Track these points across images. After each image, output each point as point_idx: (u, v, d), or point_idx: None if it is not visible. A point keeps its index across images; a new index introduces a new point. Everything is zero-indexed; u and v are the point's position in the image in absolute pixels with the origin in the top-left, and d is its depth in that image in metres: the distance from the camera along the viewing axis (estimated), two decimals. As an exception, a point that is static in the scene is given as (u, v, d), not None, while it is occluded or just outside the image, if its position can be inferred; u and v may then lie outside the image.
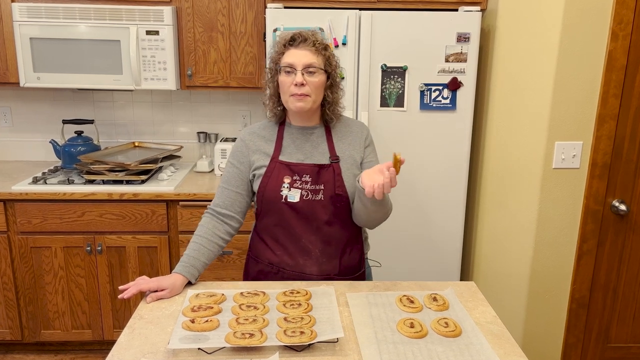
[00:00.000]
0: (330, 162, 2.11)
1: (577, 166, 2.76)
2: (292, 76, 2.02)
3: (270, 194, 2.08)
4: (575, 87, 2.67)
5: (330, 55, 2.09)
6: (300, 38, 2.04)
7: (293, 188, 2.07)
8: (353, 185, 2.10)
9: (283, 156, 2.12)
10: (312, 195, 2.07)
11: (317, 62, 2.03)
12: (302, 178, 2.08)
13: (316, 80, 2.03)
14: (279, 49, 2.08)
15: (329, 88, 2.11)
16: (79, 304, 3.33)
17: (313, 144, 2.14)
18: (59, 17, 3.21)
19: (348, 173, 2.11)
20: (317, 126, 2.17)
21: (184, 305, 1.88)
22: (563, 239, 2.87)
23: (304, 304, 1.87)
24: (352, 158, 2.14)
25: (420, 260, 3.29)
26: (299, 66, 2.01)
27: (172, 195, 3.20)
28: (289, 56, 2.04)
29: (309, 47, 2.03)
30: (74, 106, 3.83)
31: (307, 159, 2.11)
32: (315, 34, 2.08)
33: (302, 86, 2.01)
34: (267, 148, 2.15)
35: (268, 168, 2.10)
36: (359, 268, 2.23)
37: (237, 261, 3.29)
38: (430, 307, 1.92)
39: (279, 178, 2.08)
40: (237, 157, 2.18)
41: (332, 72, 2.10)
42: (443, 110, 3.09)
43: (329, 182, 2.08)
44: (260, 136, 2.18)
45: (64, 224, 3.20)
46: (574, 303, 2.94)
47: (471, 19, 3.00)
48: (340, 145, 2.15)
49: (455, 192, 3.21)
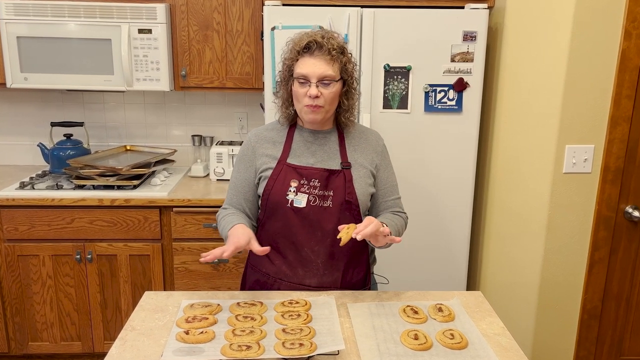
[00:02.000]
0: (342, 168, 2.10)
1: (589, 171, 2.76)
2: (306, 87, 2.01)
3: (275, 197, 2.08)
4: (587, 88, 2.67)
5: (347, 60, 2.07)
6: (315, 45, 2.01)
7: (300, 192, 2.07)
8: (364, 194, 2.10)
9: (291, 159, 2.12)
10: (320, 202, 2.07)
11: (332, 71, 2.01)
12: (311, 183, 2.07)
13: (332, 91, 2.02)
14: (292, 55, 2.06)
15: (344, 95, 2.11)
16: (68, 314, 3.34)
17: (324, 148, 2.14)
18: (47, 15, 3.22)
19: (360, 181, 2.10)
20: (331, 130, 2.17)
21: (178, 316, 1.88)
22: (574, 246, 2.87)
23: (303, 315, 1.87)
24: (364, 167, 2.14)
25: (424, 268, 3.30)
26: (314, 78, 1.99)
27: (166, 201, 3.20)
28: (303, 65, 2.02)
29: (324, 56, 2.01)
30: (63, 108, 3.85)
31: (317, 163, 2.11)
32: (330, 38, 2.04)
33: (316, 98, 2.00)
34: (275, 150, 2.14)
35: (275, 170, 2.10)
36: (363, 284, 2.22)
37: (233, 270, 3.29)
38: (435, 318, 1.92)
39: (286, 181, 2.08)
40: (244, 163, 2.18)
41: (348, 79, 2.09)
42: (448, 112, 3.10)
43: (339, 188, 2.07)
44: (268, 138, 2.18)
45: (53, 231, 3.20)
46: (585, 314, 2.94)
47: (478, 17, 3.01)
48: (352, 153, 2.15)
49: (461, 197, 3.21)
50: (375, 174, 2.18)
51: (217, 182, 3.55)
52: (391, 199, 2.22)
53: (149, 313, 1.94)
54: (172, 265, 3.29)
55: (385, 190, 2.21)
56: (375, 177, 2.17)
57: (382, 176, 2.20)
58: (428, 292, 2.14)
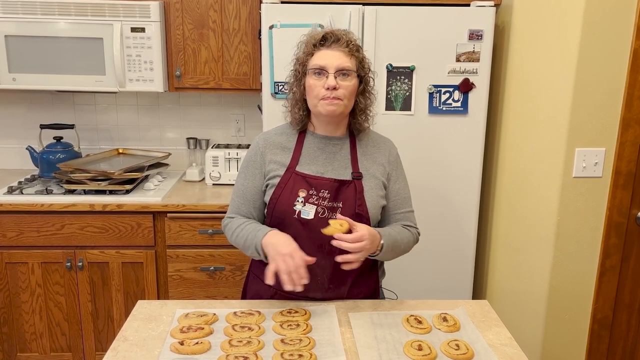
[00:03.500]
0: (352, 179, 2.08)
1: (600, 175, 2.77)
2: (322, 79, 1.99)
3: (282, 207, 2.06)
4: (598, 89, 2.67)
5: (364, 58, 2.07)
6: (332, 37, 2.02)
7: (308, 203, 2.04)
8: (375, 206, 2.09)
9: (300, 167, 2.09)
10: (329, 213, 2.04)
11: (350, 64, 2.01)
12: (320, 193, 2.05)
13: (350, 84, 2.01)
14: (307, 49, 2.05)
15: (360, 94, 2.09)
16: (58, 324, 3.33)
17: (336, 156, 2.12)
18: (37, 13, 3.22)
19: (371, 192, 2.09)
20: (343, 137, 2.15)
21: (172, 326, 1.89)
22: (584, 253, 2.87)
23: (302, 325, 1.88)
24: (375, 177, 2.12)
25: (429, 276, 3.30)
26: (332, 69, 1.98)
27: (160, 206, 3.20)
28: (319, 57, 2.01)
29: (342, 48, 2.01)
30: (53, 110, 3.85)
31: (327, 173, 2.09)
32: (347, 33, 2.05)
33: (334, 90, 1.98)
34: (284, 157, 2.12)
35: (282, 178, 2.08)
36: (371, 299, 2.21)
37: (230, 278, 3.29)
38: (440, 328, 1.92)
39: (294, 191, 2.06)
40: (252, 169, 2.15)
41: (365, 77, 2.08)
42: (453, 114, 3.10)
43: (349, 200, 2.06)
44: (277, 143, 2.15)
45: (42, 238, 3.20)
46: (595, 324, 2.94)
47: (484, 15, 3.01)
48: (364, 162, 2.13)
49: (466, 202, 3.22)
50: (387, 185, 2.16)
51: (213, 186, 3.55)
52: (401, 212, 2.19)
53: (142, 323, 1.94)
54: (166, 273, 3.29)
55: (396, 202, 2.18)
56: (386, 188, 2.16)
57: (394, 187, 2.18)
58: (432, 301, 2.14)
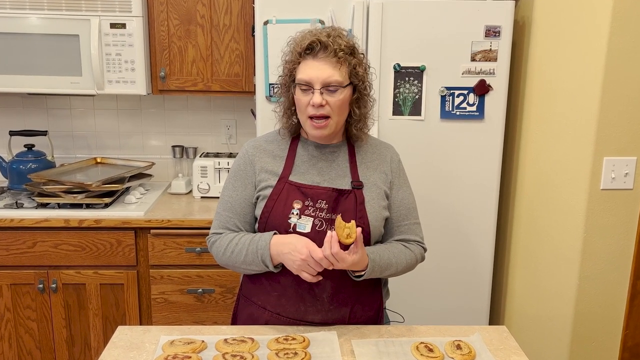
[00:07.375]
0: (352, 188, 2.09)
1: (630, 187, 2.77)
2: (309, 95, 2.00)
3: (275, 220, 2.06)
4: (628, 93, 2.68)
5: (357, 62, 2.06)
6: (318, 46, 2.01)
7: (304, 215, 2.05)
8: (377, 218, 2.10)
9: (294, 176, 2.11)
10: (327, 226, 2.05)
11: (339, 76, 2.00)
12: (317, 204, 2.05)
13: (338, 99, 2.01)
14: (293, 57, 2.06)
15: (355, 102, 2.09)
16: (29, 352, 3.34)
17: (332, 164, 2.14)
18: (5, 7, 3.24)
19: (372, 203, 2.10)
20: (340, 144, 2.17)
21: (156, 355, 1.89)
22: (613, 274, 2.87)
23: (300, 353, 1.88)
24: (377, 187, 2.13)
25: (441, 299, 3.31)
26: (317, 84, 1.99)
27: (142, 221, 3.21)
28: (305, 70, 2.01)
29: (330, 58, 2.00)
30: (24, 115, 3.87)
31: (324, 182, 2.10)
32: (337, 37, 2.03)
33: (320, 107, 2.00)
34: (275, 166, 2.13)
35: (275, 189, 2.08)
36: (374, 323, 2.22)
37: (220, 301, 3.30)
38: (453, 356, 1.93)
39: (288, 202, 2.06)
40: (241, 179, 2.16)
41: (359, 84, 2.08)
42: (468, 119, 3.12)
43: (348, 211, 2.06)
44: (268, 151, 2.17)
45: (11, 257, 3.21)
46: (626, 352, 2.95)
47: (502, 10, 3.03)
48: (364, 170, 2.14)
49: (482, 217, 3.22)
50: (390, 194, 2.17)
51: (201, 200, 3.56)
52: (406, 224, 2.20)
53: (123, 351, 1.94)
54: (150, 295, 3.29)
55: (400, 213, 2.19)
56: (389, 198, 2.17)
57: (397, 197, 2.18)
58: (444, 327, 2.14)
